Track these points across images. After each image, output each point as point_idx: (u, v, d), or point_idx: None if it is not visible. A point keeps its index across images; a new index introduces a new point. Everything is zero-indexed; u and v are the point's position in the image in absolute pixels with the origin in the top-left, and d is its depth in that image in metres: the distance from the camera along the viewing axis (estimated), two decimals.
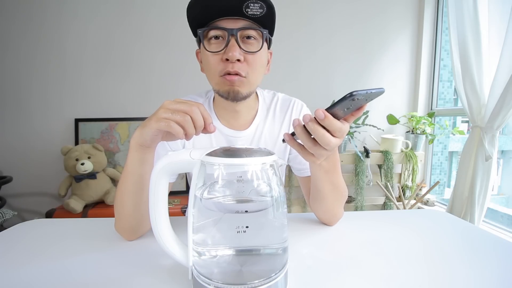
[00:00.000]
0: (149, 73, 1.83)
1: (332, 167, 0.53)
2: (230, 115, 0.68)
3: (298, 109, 0.73)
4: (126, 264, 0.48)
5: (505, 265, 0.48)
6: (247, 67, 0.57)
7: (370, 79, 1.98)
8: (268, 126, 0.71)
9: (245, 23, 0.55)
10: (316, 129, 0.39)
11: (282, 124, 0.72)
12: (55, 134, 1.79)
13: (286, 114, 0.72)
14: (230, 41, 0.55)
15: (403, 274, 0.45)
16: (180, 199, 1.67)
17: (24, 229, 0.63)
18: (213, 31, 0.56)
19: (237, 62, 0.56)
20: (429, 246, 0.55)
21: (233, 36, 0.55)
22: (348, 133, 1.76)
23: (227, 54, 0.55)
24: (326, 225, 0.65)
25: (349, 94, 0.34)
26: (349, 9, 1.92)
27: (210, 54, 0.57)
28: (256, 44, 0.58)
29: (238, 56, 0.55)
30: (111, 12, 1.77)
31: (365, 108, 0.40)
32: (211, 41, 0.57)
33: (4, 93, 1.76)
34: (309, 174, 0.70)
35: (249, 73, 0.58)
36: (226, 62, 0.56)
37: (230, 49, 0.54)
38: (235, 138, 0.69)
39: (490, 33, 1.38)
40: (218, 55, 0.57)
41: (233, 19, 0.55)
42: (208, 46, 0.57)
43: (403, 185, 1.89)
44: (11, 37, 1.72)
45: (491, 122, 1.33)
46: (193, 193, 0.36)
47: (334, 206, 0.59)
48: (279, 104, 0.73)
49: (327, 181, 0.55)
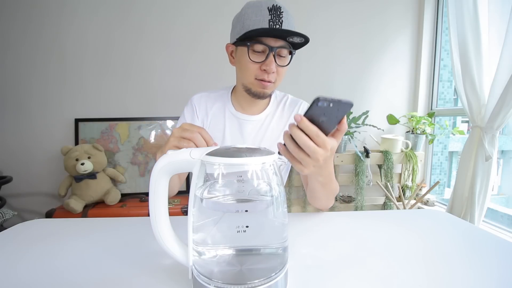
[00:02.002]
0: (149, 73, 1.83)
1: (328, 181, 0.60)
2: (247, 103, 0.82)
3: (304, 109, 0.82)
4: (126, 264, 0.48)
5: (505, 265, 0.48)
6: (277, 76, 0.73)
7: (370, 79, 1.98)
8: (277, 118, 0.84)
9: (282, 43, 0.69)
10: (296, 133, 0.43)
11: (288, 119, 0.84)
12: (55, 134, 1.79)
13: (293, 112, 0.85)
14: (269, 56, 0.69)
15: (403, 274, 0.45)
16: (180, 199, 1.67)
17: (24, 229, 0.63)
18: (258, 45, 0.69)
19: (272, 73, 0.71)
20: (429, 246, 0.55)
21: (272, 53, 0.68)
22: (348, 133, 1.76)
23: (266, 66, 0.70)
24: (326, 225, 0.65)
25: (316, 97, 0.38)
26: (349, 9, 1.92)
27: (250, 61, 0.70)
28: (286, 59, 0.73)
29: (274, 69, 0.70)
30: (111, 12, 1.77)
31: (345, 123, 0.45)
32: (255, 52, 0.70)
33: (4, 93, 1.76)
34: None
35: (277, 80, 0.74)
36: (263, 71, 0.71)
37: (269, 63, 0.69)
38: (246, 121, 0.82)
39: (490, 33, 1.38)
40: (257, 64, 0.71)
41: (275, 39, 0.68)
42: (252, 56, 0.70)
43: (403, 185, 1.89)
44: (11, 37, 1.72)
45: (491, 122, 1.33)
46: (193, 192, 0.36)
47: (327, 201, 0.70)
48: (288, 102, 0.87)
49: (323, 191, 0.64)
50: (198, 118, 0.83)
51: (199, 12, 1.82)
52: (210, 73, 1.83)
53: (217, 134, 0.82)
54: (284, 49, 0.70)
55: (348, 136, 1.77)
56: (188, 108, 0.84)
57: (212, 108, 0.83)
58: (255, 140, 0.82)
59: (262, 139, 0.82)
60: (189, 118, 0.83)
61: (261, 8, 0.66)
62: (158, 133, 1.83)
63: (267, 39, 0.67)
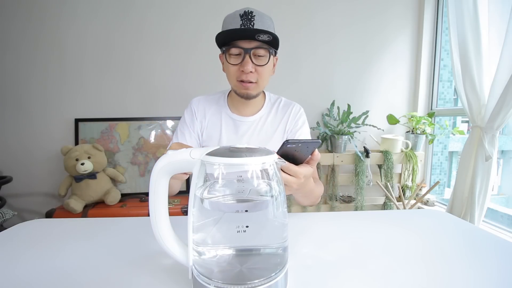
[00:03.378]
0: (149, 73, 1.83)
1: (309, 194, 0.68)
2: (241, 105, 0.87)
3: (296, 111, 0.90)
4: (126, 264, 0.48)
5: (505, 265, 0.48)
6: (257, 75, 0.77)
7: (370, 79, 1.98)
8: (270, 119, 0.89)
9: (257, 43, 0.73)
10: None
11: (282, 120, 0.89)
12: (55, 134, 1.79)
13: (286, 113, 0.90)
14: (245, 57, 0.73)
15: (403, 273, 0.45)
16: (180, 199, 1.67)
17: (24, 229, 0.63)
18: (233, 49, 0.74)
19: (250, 73, 0.75)
20: (429, 246, 0.55)
21: (247, 54, 0.73)
22: (348, 133, 1.76)
23: (243, 67, 0.74)
24: (326, 225, 0.65)
25: (285, 140, 0.46)
26: (349, 9, 1.91)
27: (230, 65, 0.76)
28: (264, 59, 0.76)
29: (251, 69, 0.74)
30: (111, 12, 1.77)
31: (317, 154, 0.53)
32: (232, 55, 0.75)
33: (4, 93, 1.76)
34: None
35: (258, 80, 0.78)
36: (242, 72, 0.75)
37: (245, 64, 0.74)
38: (241, 122, 0.87)
39: (490, 33, 1.38)
40: (236, 66, 0.76)
41: (248, 41, 0.73)
42: (229, 59, 0.76)
43: (403, 185, 1.89)
44: (11, 37, 1.72)
45: (491, 122, 1.33)
46: (193, 192, 0.36)
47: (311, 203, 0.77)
48: (282, 104, 0.91)
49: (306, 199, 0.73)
50: (197, 120, 0.88)
51: (199, 12, 1.82)
52: (210, 73, 1.83)
53: (214, 134, 0.87)
54: (261, 49, 0.74)
55: (348, 136, 1.77)
56: (188, 111, 0.90)
57: (210, 111, 0.89)
58: (250, 140, 0.86)
59: (256, 139, 0.86)
60: (189, 119, 0.88)
61: (234, 16, 0.73)
62: (158, 133, 1.83)
63: (241, 42, 0.73)
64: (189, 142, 0.85)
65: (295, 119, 0.89)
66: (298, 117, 0.89)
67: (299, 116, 0.90)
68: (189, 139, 0.86)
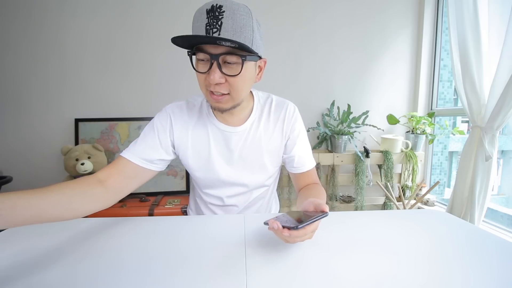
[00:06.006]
0: (149, 73, 1.83)
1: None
2: (226, 114, 0.70)
3: (291, 111, 0.78)
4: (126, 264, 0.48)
5: (505, 265, 0.48)
6: (229, 86, 0.61)
7: (370, 79, 1.98)
8: (263, 124, 0.77)
9: (225, 49, 0.57)
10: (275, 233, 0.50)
11: (277, 123, 0.77)
12: (55, 134, 1.79)
13: (280, 115, 0.77)
14: (212, 65, 0.58)
15: (403, 273, 0.45)
16: (180, 199, 1.67)
17: (24, 229, 0.63)
18: (199, 53, 0.59)
19: (219, 83, 0.60)
20: (429, 246, 0.55)
21: (215, 61, 0.57)
22: (348, 133, 1.76)
23: (208, 77, 0.59)
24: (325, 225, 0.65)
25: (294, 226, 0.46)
26: (349, 9, 1.91)
27: (198, 73, 0.61)
28: (236, 67, 0.59)
29: (218, 80, 0.58)
30: (111, 12, 1.77)
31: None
32: (199, 60, 0.61)
33: (4, 93, 1.76)
34: (299, 172, 0.80)
35: (231, 91, 0.62)
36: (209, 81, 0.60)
37: (211, 73, 0.58)
38: (231, 133, 0.74)
39: (490, 33, 1.38)
40: (204, 74, 0.60)
41: (214, 45, 0.57)
42: (196, 65, 0.61)
43: (403, 185, 1.89)
44: (11, 37, 1.72)
45: (491, 122, 1.33)
46: None
47: None
48: (273, 105, 0.79)
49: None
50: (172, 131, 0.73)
51: None
52: None
53: (202, 148, 0.75)
54: (231, 55, 0.57)
55: (348, 136, 1.77)
56: (161, 117, 0.75)
57: (192, 122, 0.75)
58: (243, 151, 0.76)
59: (250, 149, 0.76)
60: (159, 126, 0.73)
61: (201, 12, 0.56)
62: None
63: (208, 45, 0.57)
64: (147, 151, 0.70)
65: (291, 122, 0.77)
66: (294, 119, 0.78)
67: (295, 118, 0.78)
68: (150, 148, 0.70)
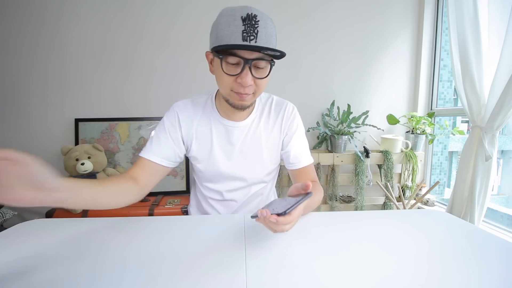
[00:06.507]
0: (150, 73, 1.83)
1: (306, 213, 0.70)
2: (230, 110, 0.77)
3: (290, 110, 0.85)
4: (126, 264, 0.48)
5: (505, 265, 0.48)
6: (255, 87, 0.69)
7: (370, 79, 1.98)
8: (264, 121, 0.84)
9: (258, 55, 0.63)
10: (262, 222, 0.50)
11: (276, 121, 0.84)
12: (55, 134, 1.79)
13: (279, 113, 0.84)
14: (245, 69, 0.64)
15: (403, 273, 0.45)
16: (180, 199, 1.67)
17: (24, 229, 0.63)
18: (231, 57, 0.63)
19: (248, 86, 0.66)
20: (429, 246, 0.55)
21: (248, 65, 0.63)
22: (348, 133, 1.76)
23: (241, 79, 0.65)
24: (325, 225, 0.65)
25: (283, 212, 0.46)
26: (349, 9, 1.91)
27: (225, 74, 0.65)
28: (265, 70, 0.67)
29: (250, 82, 0.65)
30: (111, 12, 1.77)
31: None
32: (228, 64, 0.65)
33: (4, 93, 1.75)
34: (297, 167, 0.83)
35: (256, 91, 0.70)
36: (239, 84, 0.66)
37: (244, 76, 0.64)
38: (233, 127, 0.81)
39: (490, 33, 1.38)
40: (232, 77, 0.66)
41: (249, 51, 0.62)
42: (226, 68, 0.65)
43: (403, 185, 1.89)
44: (11, 37, 1.72)
45: (491, 122, 1.33)
46: None
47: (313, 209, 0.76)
48: (274, 104, 0.86)
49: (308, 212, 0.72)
50: (181, 128, 0.79)
51: (199, 12, 1.81)
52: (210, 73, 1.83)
53: (205, 143, 0.81)
54: (262, 61, 0.64)
55: (348, 136, 1.77)
56: (169, 116, 0.80)
57: (197, 117, 0.81)
58: (243, 146, 0.82)
59: (250, 144, 0.82)
60: (170, 125, 0.79)
61: (234, 17, 0.60)
62: None
63: (241, 51, 0.62)
64: (163, 150, 0.77)
65: (289, 120, 0.84)
66: (292, 117, 0.84)
67: (293, 116, 0.84)
68: (165, 147, 0.77)
